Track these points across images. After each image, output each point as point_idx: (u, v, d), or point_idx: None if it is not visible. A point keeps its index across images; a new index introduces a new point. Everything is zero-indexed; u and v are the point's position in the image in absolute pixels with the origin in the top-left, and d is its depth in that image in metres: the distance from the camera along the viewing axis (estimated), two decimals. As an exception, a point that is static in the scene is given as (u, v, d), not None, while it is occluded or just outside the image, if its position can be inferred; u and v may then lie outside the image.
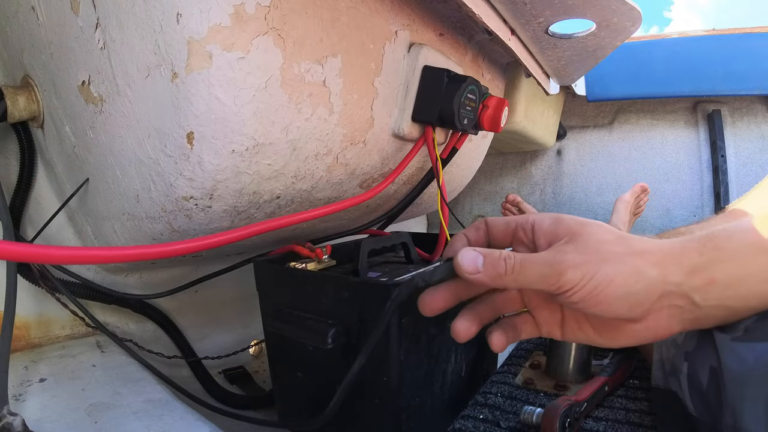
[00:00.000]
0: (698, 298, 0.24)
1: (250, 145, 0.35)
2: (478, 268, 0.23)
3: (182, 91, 0.33)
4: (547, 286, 0.23)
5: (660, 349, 0.35)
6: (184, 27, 0.31)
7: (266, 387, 0.66)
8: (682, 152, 1.02)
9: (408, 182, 0.55)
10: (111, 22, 0.37)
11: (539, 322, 0.28)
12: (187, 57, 0.32)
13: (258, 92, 0.33)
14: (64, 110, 0.51)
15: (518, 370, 0.51)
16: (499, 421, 0.40)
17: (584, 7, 0.45)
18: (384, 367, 0.36)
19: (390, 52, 0.43)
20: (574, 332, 0.27)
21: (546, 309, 0.28)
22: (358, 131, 0.42)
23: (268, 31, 0.32)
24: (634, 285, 0.23)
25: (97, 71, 0.42)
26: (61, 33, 0.45)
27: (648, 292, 0.23)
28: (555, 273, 0.23)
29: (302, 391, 0.44)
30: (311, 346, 0.40)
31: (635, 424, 0.39)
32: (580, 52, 0.58)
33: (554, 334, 0.28)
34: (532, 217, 0.27)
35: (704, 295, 0.24)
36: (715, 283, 0.24)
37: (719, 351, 0.26)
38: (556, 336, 0.28)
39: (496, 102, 0.49)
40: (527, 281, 0.23)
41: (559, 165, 1.12)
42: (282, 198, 0.42)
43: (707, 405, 0.27)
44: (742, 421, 0.24)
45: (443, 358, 0.43)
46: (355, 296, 0.37)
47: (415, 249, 0.51)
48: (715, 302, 0.24)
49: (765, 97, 0.97)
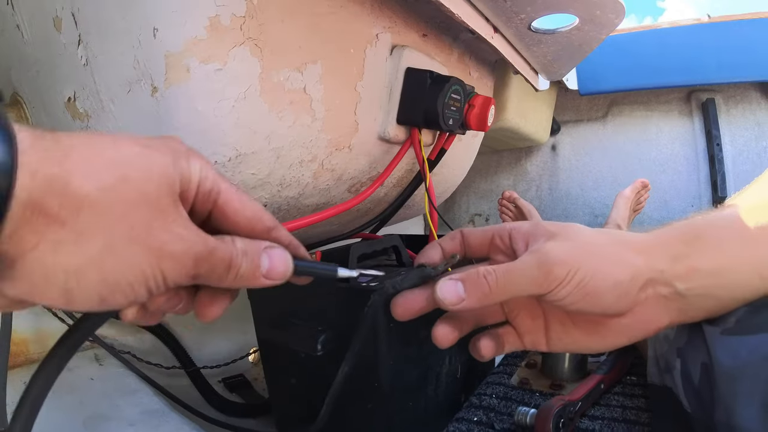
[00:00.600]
0: (682, 286, 0.24)
1: (233, 155, 0.35)
2: (461, 296, 0.22)
3: (162, 105, 0.33)
4: (536, 288, 0.23)
5: (654, 345, 0.35)
6: (161, 41, 0.31)
7: (266, 394, 0.66)
8: (677, 143, 1.01)
9: (398, 185, 0.55)
10: (92, 38, 0.38)
11: (521, 332, 0.27)
12: (165, 71, 0.32)
13: (237, 102, 0.33)
14: (53, 126, 0.51)
15: (514, 369, 0.51)
16: (493, 423, 0.40)
17: (566, 1, 0.45)
18: (374, 371, 0.36)
19: (372, 56, 0.43)
20: (560, 338, 0.26)
21: (527, 317, 0.27)
22: (343, 136, 0.42)
23: (244, 42, 0.32)
24: (620, 274, 0.23)
25: (82, 87, 0.42)
26: (46, 50, 0.46)
27: (633, 281, 0.23)
28: (542, 273, 0.22)
29: (297, 397, 0.44)
30: (303, 353, 0.40)
31: (632, 421, 0.39)
32: (566, 46, 0.58)
33: (539, 344, 0.26)
34: (509, 225, 0.26)
35: (687, 283, 0.24)
36: (698, 271, 0.24)
37: (710, 346, 0.26)
38: (541, 346, 0.26)
39: (482, 101, 0.49)
40: (516, 289, 0.23)
41: (555, 160, 1.12)
42: (269, 206, 0.42)
43: (700, 401, 0.27)
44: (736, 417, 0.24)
45: (436, 360, 0.43)
46: (344, 302, 0.37)
47: (406, 252, 0.51)
48: (700, 291, 0.24)
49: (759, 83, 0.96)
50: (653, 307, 0.24)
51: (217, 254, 0.18)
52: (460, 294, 0.23)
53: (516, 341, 0.27)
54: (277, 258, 0.20)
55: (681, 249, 0.24)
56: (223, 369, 0.68)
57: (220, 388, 0.66)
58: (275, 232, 0.21)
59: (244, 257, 0.19)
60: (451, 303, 0.23)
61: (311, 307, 0.39)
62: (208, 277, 0.18)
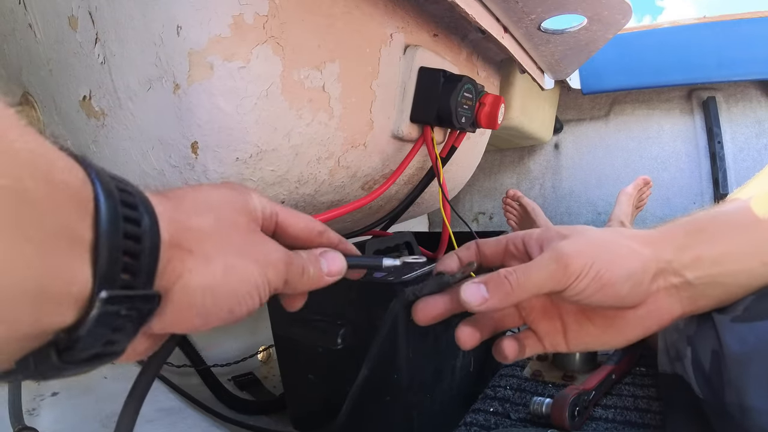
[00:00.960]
0: (690, 275, 0.25)
1: (254, 152, 0.35)
2: (485, 297, 0.24)
3: (185, 102, 0.33)
4: (555, 283, 0.24)
5: (664, 335, 0.36)
6: (185, 39, 0.32)
7: (276, 392, 0.67)
8: (679, 140, 1.03)
9: (409, 182, 0.56)
10: (110, 36, 0.38)
11: (541, 336, 0.28)
12: (188, 68, 0.32)
13: (260, 100, 0.33)
14: (66, 126, 0.51)
15: (526, 362, 0.52)
16: (509, 413, 0.41)
17: (575, 2, 0.46)
18: (393, 365, 0.37)
19: (386, 55, 0.43)
20: (578, 337, 0.27)
21: (544, 320, 0.28)
22: (358, 134, 0.43)
23: (267, 40, 0.33)
24: (632, 264, 0.24)
25: (98, 86, 0.42)
26: (59, 49, 0.46)
27: (645, 271, 0.24)
28: (561, 267, 0.23)
29: (314, 393, 0.44)
30: (321, 348, 0.41)
31: (643, 410, 0.40)
32: (573, 46, 0.58)
33: (559, 346, 0.27)
34: (521, 232, 0.28)
35: (695, 272, 0.25)
36: (702, 260, 0.25)
37: (720, 333, 0.27)
38: (561, 347, 0.27)
39: (493, 99, 0.50)
40: (536, 286, 0.24)
41: (557, 159, 1.13)
42: (286, 203, 0.42)
43: (711, 387, 0.28)
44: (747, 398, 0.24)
45: (451, 354, 0.44)
46: (362, 297, 0.37)
47: (418, 248, 0.52)
48: (707, 279, 0.25)
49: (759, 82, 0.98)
50: (665, 298, 0.25)
51: (295, 262, 0.22)
52: (483, 295, 0.24)
53: (536, 344, 0.28)
54: (331, 259, 0.24)
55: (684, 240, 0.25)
56: (233, 367, 0.68)
57: (230, 386, 0.67)
58: (326, 234, 0.25)
59: (309, 263, 0.23)
60: (476, 303, 0.24)
61: (329, 303, 0.40)
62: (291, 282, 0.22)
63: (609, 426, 0.38)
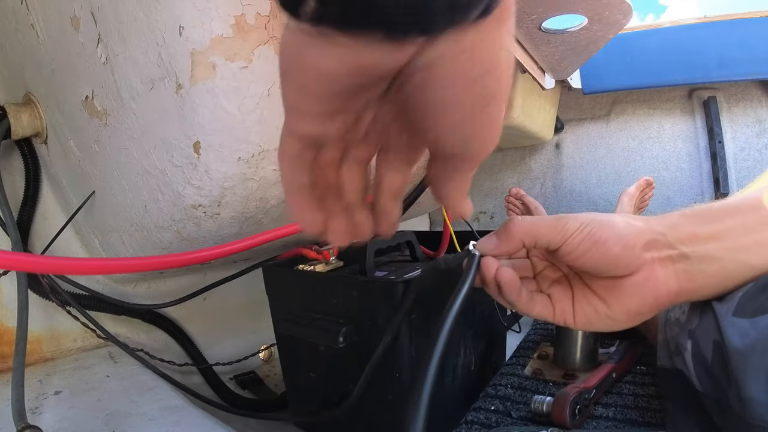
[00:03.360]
0: (685, 248, 0.26)
1: (256, 151, 0.35)
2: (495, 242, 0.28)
3: (187, 101, 0.34)
4: (554, 234, 0.26)
5: (664, 329, 0.36)
6: (187, 39, 0.32)
7: (277, 390, 0.67)
8: (679, 140, 1.02)
9: (410, 182, 0.56)
10: (113, 37, 0.38)
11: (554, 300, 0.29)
12: (191, 68, 0.32)
13: (262, 100, 0.34)
14: (68, 125, 0.51)
15: (526, 361, 0.52)
16: (510, 412, 0.41)
17: (576, 2, 0.46)
18: (395, 363, 0.37)
19: (387, 55, 0.43)
20: (583, 308, 0.28)
21: (558, 286, 0.30)
22: (360, 133, 0.43)
23: (268, 40, 0.33)
24: (624, 228, 0.27)
25: (101, 85, 0.42)
26: (62, 49, 0.46)
27: (637, 236, 0.26)
28: (560, 224, 0.27)
29: (315, 391, 0.45)
30: (323, 346, 0.41)
31: (644, 408, 0.40)
32: (574, 46, 0.59)
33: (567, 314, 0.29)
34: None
35: (690, 246, 0.26)
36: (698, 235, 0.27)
37: (721, 326, 0.27)
38: (568, 317, 0.28)
39: (494, 99, 0.50)
40: (537, 235, 0.27)
41: (558, 158, 1.13)
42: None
43: (713, 379, 0.28)
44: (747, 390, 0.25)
45: (453, 352, 0.44)
46: (364, 295, 0.37)
47: (419, 247, 0.52)
48: (702, 252, 0.26)
49: (759, 81, 0.97)
50: (660, 269, 0.27)
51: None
52: (494, 241, 0.28)
53: (547, 307, 0.29)
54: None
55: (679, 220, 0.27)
56: (234, 366, 0.68)
57: (232, 385, 0.67)
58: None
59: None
60: (489, 249, 0.28)
61: (330, 302, 0.40)
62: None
63: (610, 424, 0.38)
